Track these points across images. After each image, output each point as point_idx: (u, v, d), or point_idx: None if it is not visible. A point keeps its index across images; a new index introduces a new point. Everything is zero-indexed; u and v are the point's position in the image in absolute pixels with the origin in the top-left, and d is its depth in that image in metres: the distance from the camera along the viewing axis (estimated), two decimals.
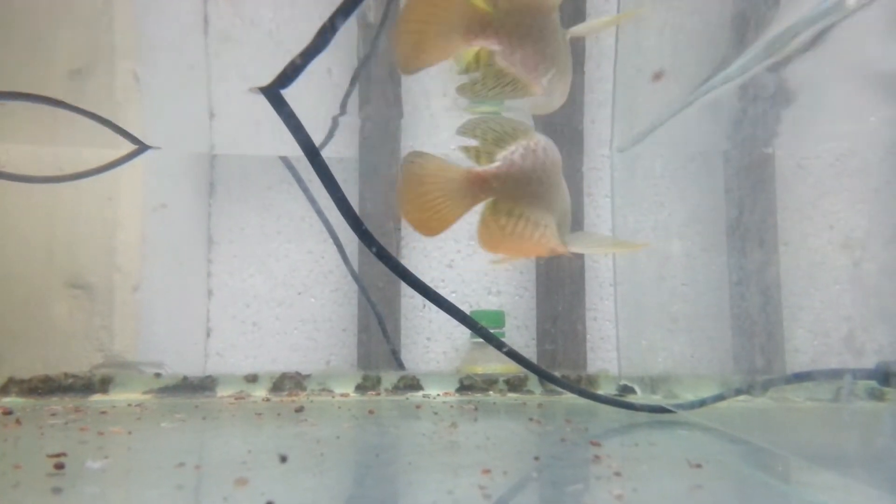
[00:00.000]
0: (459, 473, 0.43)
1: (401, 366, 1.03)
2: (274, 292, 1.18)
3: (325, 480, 0.43)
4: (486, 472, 0.43)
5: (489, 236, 0.54)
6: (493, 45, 0.53)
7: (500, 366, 1.02)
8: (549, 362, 1.09)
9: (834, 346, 0.98)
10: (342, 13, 0.59)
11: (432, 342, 1.18)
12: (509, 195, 0.53)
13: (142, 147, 0.85)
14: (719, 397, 0.61)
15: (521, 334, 1.19)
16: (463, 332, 1.14)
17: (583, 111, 1.14)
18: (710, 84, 0.67)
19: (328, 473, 0.44)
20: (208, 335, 1.18)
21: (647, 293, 0.79)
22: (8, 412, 0.65)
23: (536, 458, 0.46)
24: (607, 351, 1.16)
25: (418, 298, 1.18)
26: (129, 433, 0.56)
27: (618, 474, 0.41)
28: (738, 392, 0.61)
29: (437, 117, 1.13)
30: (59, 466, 0.43)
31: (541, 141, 0.56)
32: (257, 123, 1.08)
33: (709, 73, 0.69)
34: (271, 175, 1.20)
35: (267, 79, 0.78)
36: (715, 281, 0.90)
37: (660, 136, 0.77)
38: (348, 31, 1.05)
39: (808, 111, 0.83)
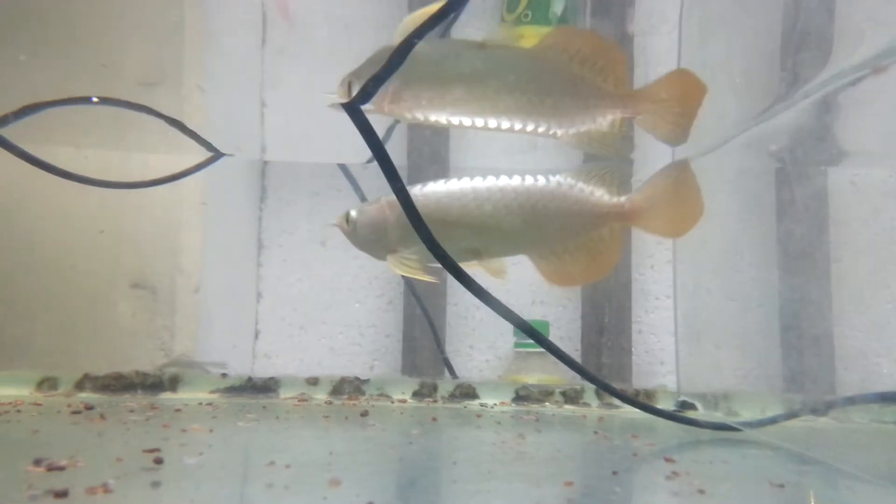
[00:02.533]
0: (541, 484, 0.44)
1: (453, 374, 1.04)
2: (320, 296, 1.21)
3: (410, 485, 0.44)
4: (569, 484, 0.44)
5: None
6: None
7: (545, 376, 1.03)
8: (598, 375, 1.09)
9: (885, 366, 0.97)
10: (419, 34, 0.61)
11: (475, 350, 1.19)
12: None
13: (217, 154, 0.88)
14: (790, 415, 0.61)
15: (564, 346, 1.19)
16: (506, 342, 1.15)
17: (632, 122, 1.14)
18: (779, 107, 0.68)
19: (412, 478, 0.46)
20: (256, 337, 1.21)
21: (707, 309, 0.79)
22: (90, 407, 0.68)
23: (615, 473, 0.47)
24: (652, 365, 1.16)
25: (462, 306, 1.19)
26: (211, 431, 0.58)
27: (701, 492, 0.42)
28: (812, 411, 0.61)
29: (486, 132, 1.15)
30: (159, 461, 0.46)
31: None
32: (307, 132, 1.11)
33: (778, 93, 0.69)
34: (319, 181, 1.23)
35: (320, 90, 0.81)
36: (767, 297, 0.90)
37: (721, 150, 0.77)
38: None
39: (862, 128, 0.83)
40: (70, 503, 0.35)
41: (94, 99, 0.84)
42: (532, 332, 0.65)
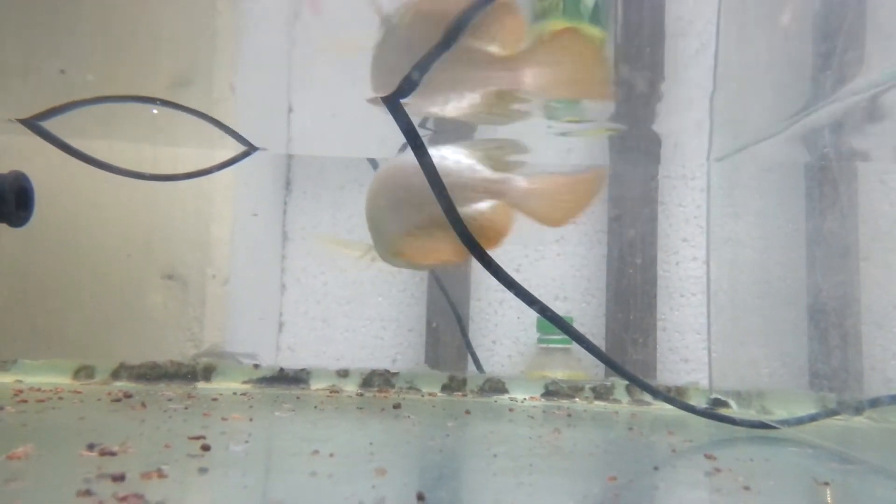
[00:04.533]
0: (584, 477, 0.44)
1: (480, 369, 1.05)
2: (343, 290, 1.22)
3: (454, 475, 0.45)
4: (612, 479, 0.44)
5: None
6: None
7: (569, 372, 1.03)
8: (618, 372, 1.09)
9: None
10: (454, 30, 0.61)
11: (497, 345, 1.19)
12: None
13: (251, 149, 0.89)
14: (831, 413, 0.60)
15: None
16: (529, 336, 1.15)
17: (657, 119, 1.13)
18: (819, 105, 0.67)
19: (454, 469, 0.46)
20: (280, 329, 1.22)
21: (742, 306, 0.79)
22: (129, 395, 0.69)
23: (656, 468, 0.47)
24: (675, 363, 1.15)
25: (485, 301, 1.20)
26: (251, 420, 0.59)
27: (746, 488, 0.42)
28: (857, 410, 0.60)
29: (511, 128, 1.15)
30: (206, 448, 0.46)
31: None
32: (332, 126, 1.12)
33: (818, 91, 0.69)
34: (344, 174, 1.23)
35: (345, 88, 0.81)
36: (796, 295, 0.89)
37: (757, 148, 0.77)
38: None
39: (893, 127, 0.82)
40: (127, 487, 0.36)
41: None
42: (561, 323, 0.64)
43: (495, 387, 0.81)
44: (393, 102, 0.62)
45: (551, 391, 0.80)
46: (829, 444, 0.58)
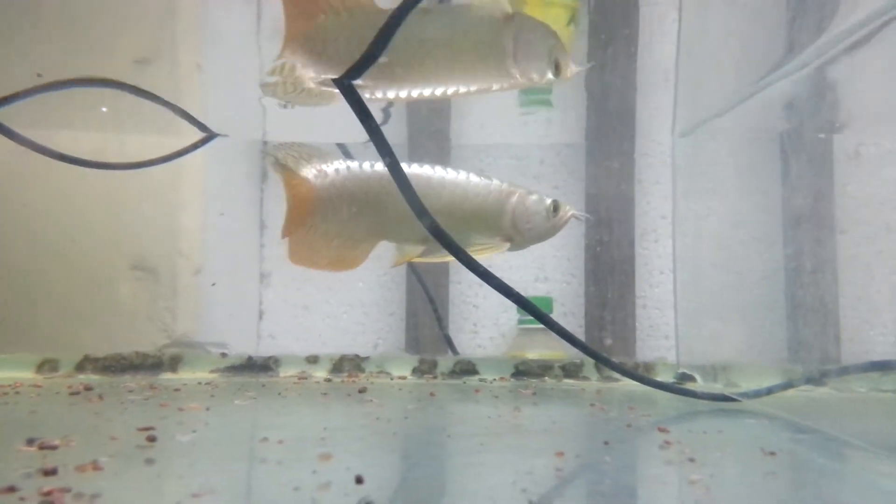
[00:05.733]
0: (533, 455, 0.44)
1: (454, 351, 1.04)
2: (323, 276, 1.21)
3: (402, 457, 0.45)
4: (560, 454, 0.44)
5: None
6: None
7: (548, 352, 1.02)
8: (598, 349, 1.09)
9: (890, 337, 0.96)
10: (407, 7, 0.60)
11: (479, 328, 1.19)
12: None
13: (210, 135, 0.88)
14: (787, 385, 0.60)
15: (568, 321, 1.19)
16: (510, 318, 1.15)
17: (635, 97, 1.12)
18: (777, 73, 0.66)
19: (404, 451, 0.46)
20: (261, 317, 1.22)
21: (706, 281, 0.78)
22: (89, 388, 0.68)
23: (606, 443, 0.47)
24: (656, 339, 1.15)
25: (465, 284, 1.19)
26: (207, 409, 0.58)
27: (691, 460, 0.42)
28: (809, 380, 0.60)
29: (486, 109, 1.14)
30: (151, 439, 0.46)
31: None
32: (306, 111, 1.10)
33: (776, 61, 0.68)
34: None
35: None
36: (771, 269, 0.89)
37: (721, 122, 0.76)
38: None
39: (868, 98, 0.81)
40: (59, 481, 0.35)
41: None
42: (530, 308, 0.64)
43: (465, 368, 0.81)
44: (345, 83, 0.61)
45: (521, 371, 0.80)
46: (787, 415, 0.58)
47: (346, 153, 1.09)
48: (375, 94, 0.69)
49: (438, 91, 0.69)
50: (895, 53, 0.63)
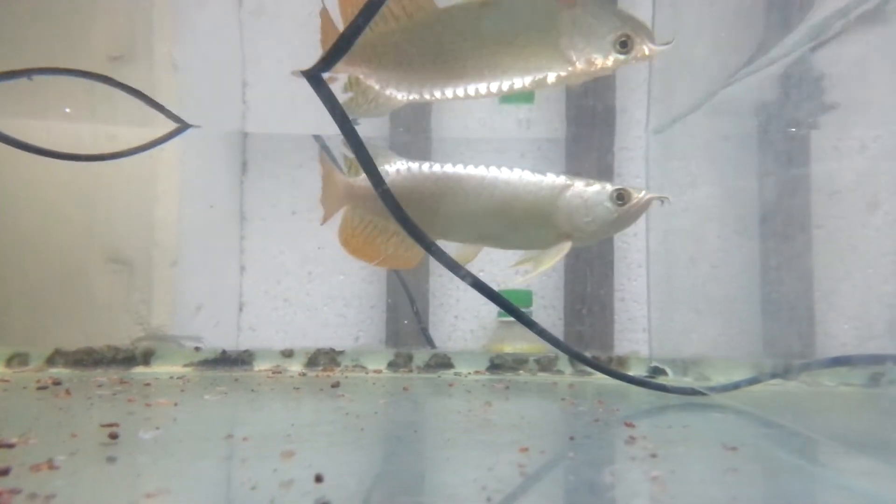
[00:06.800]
0: (497, 450, 0.44)
1: (431, 344, 1.04)
2: (304, 269, 1.20)
3: (367, 454, 0.44)
4: (524, 450, 0.44)
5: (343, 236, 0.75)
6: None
7: (527, 345, 1.03)
8: (576, 343, 1.09)
9: (866, 331, 0.97)
10: (372, 6, 0.59)
11: (460, 320, 1.19)
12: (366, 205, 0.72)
13: (183, 126, 0.87)
14: (753, 380, 0.61)
15: (548, 314, 1.19)
16: (490, 311, 1.15)
17: (615, 93, 1.12)
18: (749, 68, 0.67)
19: (370, 448, 0.46)
20: (241, 310, 1.21)
21: (679, 275, 0.79)
22: (57, 382, 0.67)
23: (572, 438, 0.47)
24: (635, 332, 1.16)
25: (446, 277, 1.19)
26: (175, 405, 0.58)
27: (653, 455, 0.42)
28: (774, 375, 0.61)
29: (466, 102, 1.14)
30: (114, 436, 0.45)
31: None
32: (289, 103, 1.09)
33: (748, 56, 0.68)
34: (302, 153, 1.21)
35: (299, 59, 0.79)
36: (746, 263, 0.90)
37: (695, 118, 0.76)
38: None
39: (845, 93, 0.82)
40: (10, 482, 0.35)
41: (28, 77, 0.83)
42: (501, 302, 0.64)
43: (441, 362, 0.81)
44: (314, 75, 0.60)
45: (496, 364, 0.80)
46: (754, 409, 0.58)
47: (324, 145, 1.08)
48: (446, 95, 0.68)
49: (493, 87, 0.66)
50: (870, 45, 0.63)
